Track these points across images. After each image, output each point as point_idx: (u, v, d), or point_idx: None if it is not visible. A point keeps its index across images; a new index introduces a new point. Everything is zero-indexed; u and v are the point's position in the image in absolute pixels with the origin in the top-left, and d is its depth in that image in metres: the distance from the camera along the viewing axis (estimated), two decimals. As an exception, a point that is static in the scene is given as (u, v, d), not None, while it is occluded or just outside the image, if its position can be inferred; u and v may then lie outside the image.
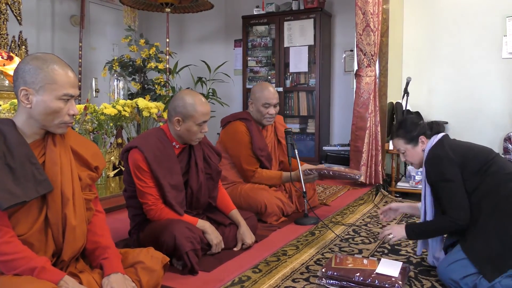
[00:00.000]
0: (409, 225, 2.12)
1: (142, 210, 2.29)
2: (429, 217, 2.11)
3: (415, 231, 2.10)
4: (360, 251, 2.47)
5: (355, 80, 4.36)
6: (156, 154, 2.21)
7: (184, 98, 2.24)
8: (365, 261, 2.07)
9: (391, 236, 2.12)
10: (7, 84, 3.66)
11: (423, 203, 2.16)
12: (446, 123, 4.56)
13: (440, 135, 2.10)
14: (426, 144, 2.12)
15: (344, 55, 5.59)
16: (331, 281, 1.97)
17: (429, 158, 2.05)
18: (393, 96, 4.62)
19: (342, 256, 2.14)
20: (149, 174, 2.19)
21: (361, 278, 1.93)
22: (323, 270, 2.02)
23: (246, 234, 2.42)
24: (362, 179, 2.82)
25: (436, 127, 2.14)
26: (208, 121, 2.29)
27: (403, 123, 2.18)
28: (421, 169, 2.20)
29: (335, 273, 1.99)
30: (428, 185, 2.08)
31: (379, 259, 2.10)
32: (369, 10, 4.08)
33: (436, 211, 2.09)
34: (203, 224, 2.28)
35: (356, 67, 4.35)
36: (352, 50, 5.16)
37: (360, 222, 3.13)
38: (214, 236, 2.28)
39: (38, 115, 1.49)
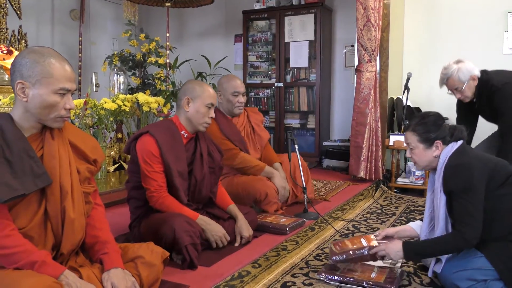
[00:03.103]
0: (408, 245, 1.90)
1: (145, 202, 2.31)
2: (440, 232, 1.90)
3: (417, 251, 1.90)
4: (360, 247, 2.47)
5: (355, 75, 4.35)
6: (166, 139, 2.26)
7: (193, 82, 2.44)
8: (362, 240, 2.07)
9: (386, 258, 1.94)
10: (6, 79, 3.65)
11: (428, 216, 1.99)
12: (447, 118, 4.55)
13: (460, 142, 1.93)
14: (441, 150, 1.93)
15: (345, 50, 5.57)
16: (331, 276, 1.98)
17: (452, 166, 1.86)
18: (394, 91, 4.61)
19: (340, 242, 2.12)
20: (159, 159, 2.23)
21: (368, 250, 1.95)
22: (333, 258, 2.02)
23: (244, 227, 2.43)
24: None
25: (458, 134, 1.94)
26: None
27: (425, 120, 1.97)
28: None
29: (344, 256, 2.00)
30: (444, 194, 1.88)
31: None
32: (370, 5, 4.06)
33: (450, 225, 1.90)
34: (202, 221, 2.28)
35: (356, 63, 4.33)
36: (352, 45, 5.15)
37: (360, 218, 3.13)
38: (211, 234, 2.28)
39: (34, 108, 1.49)
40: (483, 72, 3.03)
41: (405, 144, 2.08)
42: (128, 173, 2.39)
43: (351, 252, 2.00)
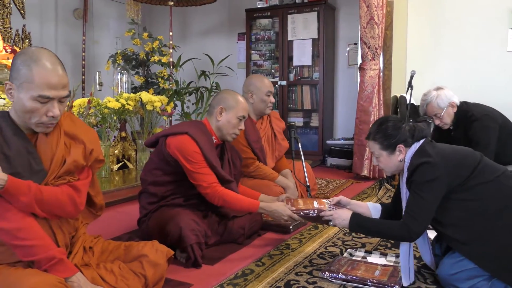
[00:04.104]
0: (356, 217, 1.96)
1: (160, 198, 2.33)
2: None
3: (361, 225, 1.95)
4: (363, 245, 2.47)
5: (359, 73, 4.34)
6: (204, 141, 2.29)
7: (228, 93, 2.47)
8: (315, 202, 2.17)
9: (331, 223, 2.02)
10: (11, 78, 3.67)
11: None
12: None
13: (421, 141, 1.91)
14: (405, 153, 1.91)
15: (348, 48, 5.56)
16: (334, 275, 1.98)
17: (413, 165, 1.84)
18: (397, 89, 4.60)
19: (293, 200, 2.28)
20: (202, 157, 2.25)
21: (315, 212, 2.08)
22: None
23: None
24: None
25: (419, 133, 1.91)
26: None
27: (383, 127, 1.94)
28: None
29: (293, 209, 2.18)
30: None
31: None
32: (373, 3, 4.06)
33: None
34: (263, 210, 2.30)
35: (360, 61, 4.33)
36: (356, 44, 5.13)
37: (364, 216, 3.12)
38: (275, 218, 2.31)
39: (18, 111, 1.47)
40: (463, 102, 3.15)
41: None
42: (149, 169, 2.37)
43: (299, 211, 2.14)
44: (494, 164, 1.90)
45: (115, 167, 4.08)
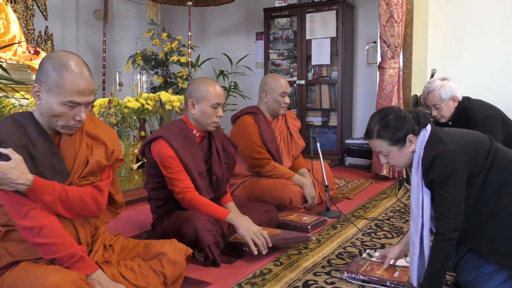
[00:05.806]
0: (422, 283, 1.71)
1: (165, 201, 2.34)
2: (427, 231, 1.73)
3: (428, 284, 1.70)
4: (383, 246, 2.45)
5: (378, 72, 4.30)
6: (180, 141, 2.26)
7: (197, 82, 2.36)
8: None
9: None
10: (34, 78, 3.74)
11: (414, 216, 1.75)
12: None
13: (429, 127, 1.76)
14: (416, 142, 1.75)
15: (367, 47, 5.50)
16: (353, 275, 1.96)
17: (430, 156, 1.70)
18: (417, 88, 4.53)
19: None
20: (177, 160, 2.23)
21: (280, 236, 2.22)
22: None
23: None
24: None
25: (424, 120, 1.76)
26: (222, 104, 2.35)
27: (385, 122, 1.77)
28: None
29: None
30: (427, 189, 1.72)
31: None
32: (393, 1, 4.01)
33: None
34: (232, 219, 2.19)
35: (379, 59, 4.28)
36: (375, 42, 5.08)
37: (383, 217, 3.09)
38: (244, 230, 2.15)
39: (45, 114, 1.51)
40: (465, 98, 3.02)
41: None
42: (146, 175, 2.41)
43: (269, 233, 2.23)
44: (504, 148, 1.80)
45: (135, 166, 4.13)
